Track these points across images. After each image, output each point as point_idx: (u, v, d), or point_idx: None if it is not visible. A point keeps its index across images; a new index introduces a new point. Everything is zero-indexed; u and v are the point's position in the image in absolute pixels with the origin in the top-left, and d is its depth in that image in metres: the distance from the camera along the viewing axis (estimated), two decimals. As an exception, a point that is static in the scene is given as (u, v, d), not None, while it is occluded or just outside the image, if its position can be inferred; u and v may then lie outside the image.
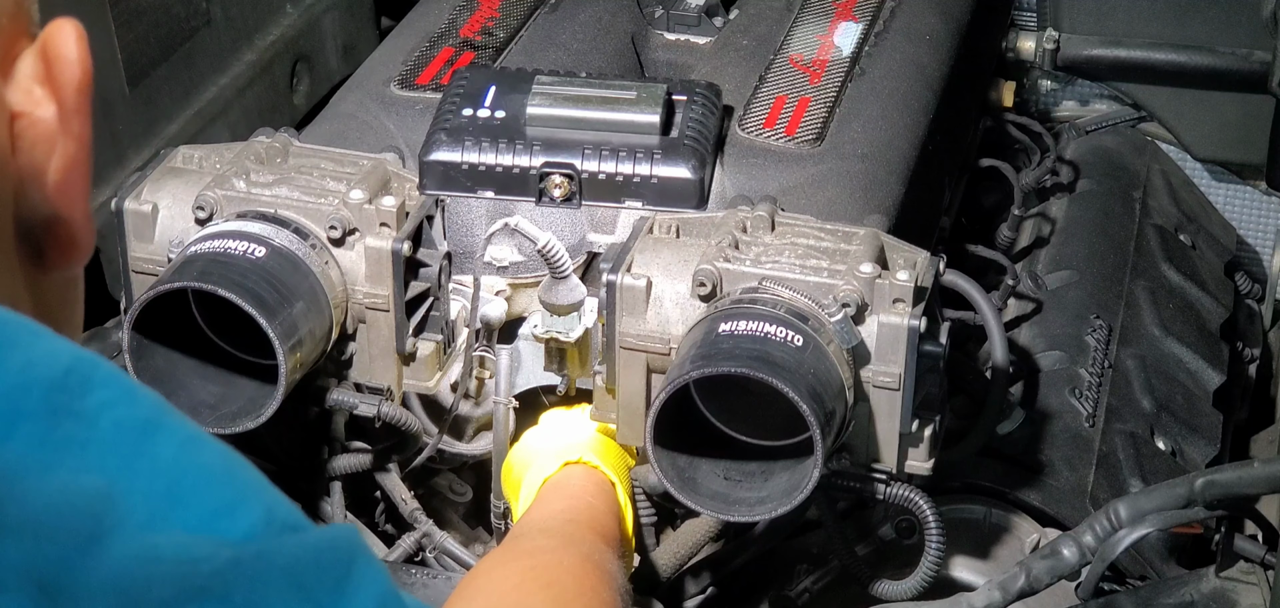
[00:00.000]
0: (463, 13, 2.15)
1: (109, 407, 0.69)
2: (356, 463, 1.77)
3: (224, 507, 0.69)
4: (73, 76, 0.76)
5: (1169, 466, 2.04)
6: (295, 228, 1.61)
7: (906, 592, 1.67)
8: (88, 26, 0.78)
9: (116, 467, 0.67)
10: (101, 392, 0.69)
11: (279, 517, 0.70)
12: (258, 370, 1.58)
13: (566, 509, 1.52)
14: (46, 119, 0.75)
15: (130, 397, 0.70)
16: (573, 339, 1.68)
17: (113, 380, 0.70)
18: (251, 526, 0.69)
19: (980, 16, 2.35)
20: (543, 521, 1.51)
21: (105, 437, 0.68)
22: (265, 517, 0.69)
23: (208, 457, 0.71)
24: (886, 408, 1.55)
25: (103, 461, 0.67)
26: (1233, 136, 2.70)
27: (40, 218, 0.76)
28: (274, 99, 2.47)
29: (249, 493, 0.70)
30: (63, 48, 0.76)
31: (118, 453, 0.68)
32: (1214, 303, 2.43)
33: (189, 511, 0.68)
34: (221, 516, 0.68)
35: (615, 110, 1.76)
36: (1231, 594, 1.62)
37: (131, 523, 0.66)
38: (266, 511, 0.70)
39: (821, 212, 1.72)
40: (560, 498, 1.55)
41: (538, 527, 1.50)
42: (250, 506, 0.70)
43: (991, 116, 2.64)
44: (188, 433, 0.71)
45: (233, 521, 0.68)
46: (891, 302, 1.53)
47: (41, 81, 0.76)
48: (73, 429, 0.68)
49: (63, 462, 0.67)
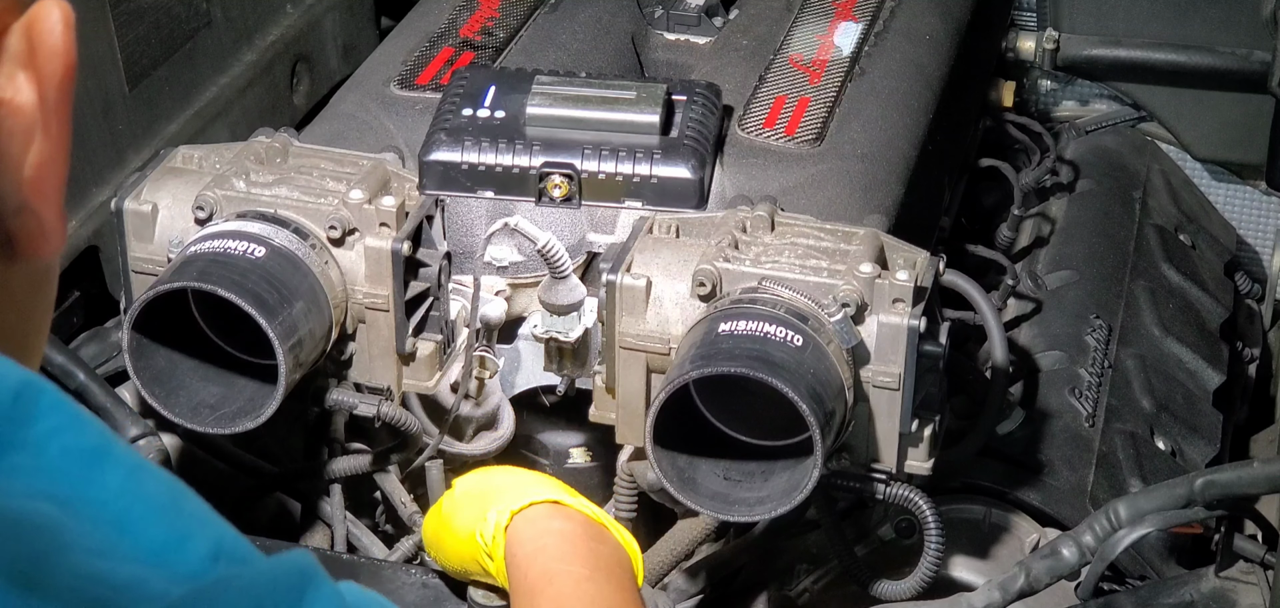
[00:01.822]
0: (463, 13, 2.15)
1: (56, 434, 0.68)
2: (356, 465, 1.77)
3: (174, 540, 0.68)
4: (55, 71, 0.73)
5: (1169, 466, 2.04)
6: (295, 228, 1.61)
7: (906, 592, 1.67)
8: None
9: (66, 495, 0.66)
10: (49, 419, 0.68)
11: (227, 549, 0.69)
12: (258, 370, 1.58)
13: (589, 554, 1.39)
14: (26, 107, 0.72)
15: (77, 424, 0.69)
16: (572, 339, 1.68)
17: (59, 407, 0.69)
18: (201, 560, 0.68)
19: (980, 16, 2.35)
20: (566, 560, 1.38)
21: (53, 464, 0.67)
22: (214, 550, 0.69)
23: (154, 487, 0.69)
24: (886, 408, 1.55)
25: (52, 488, 0.66)
26: (1233, 136, 2.71)
27: (10, 207, 0.72)
28: (274, 99, 2.47)
29: (196, 526, 0.69)
30: (48, 36, 0.73)
31: (66, 480, 0.67)
32: (1214, 303, 2.43)
33: (138, 542, 0.67)
34: (171, 549, 0.68)
35: (615, 110, 1.76)
36: (1231, 594, 1.62)
37: (82, 548, 0.65)
38: (215, 544, 0.69)
39: (821, 212, 1.72)
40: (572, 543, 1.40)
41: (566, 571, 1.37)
42: (198, 540, 0.69)
43: (991, 116, 2.64)
44: (134, 463, 0.70)
45: (182, 554, 0.68)
46: (891, 302, 1.53)
47: (24, 65, 0.72)
48: (19, 459, 0.67)
49: (10, 490, 0.65)
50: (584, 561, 1.37)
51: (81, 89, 2.03)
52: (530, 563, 1.38)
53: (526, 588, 1.36)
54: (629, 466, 1.71)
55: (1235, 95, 2.66)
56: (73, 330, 2.04)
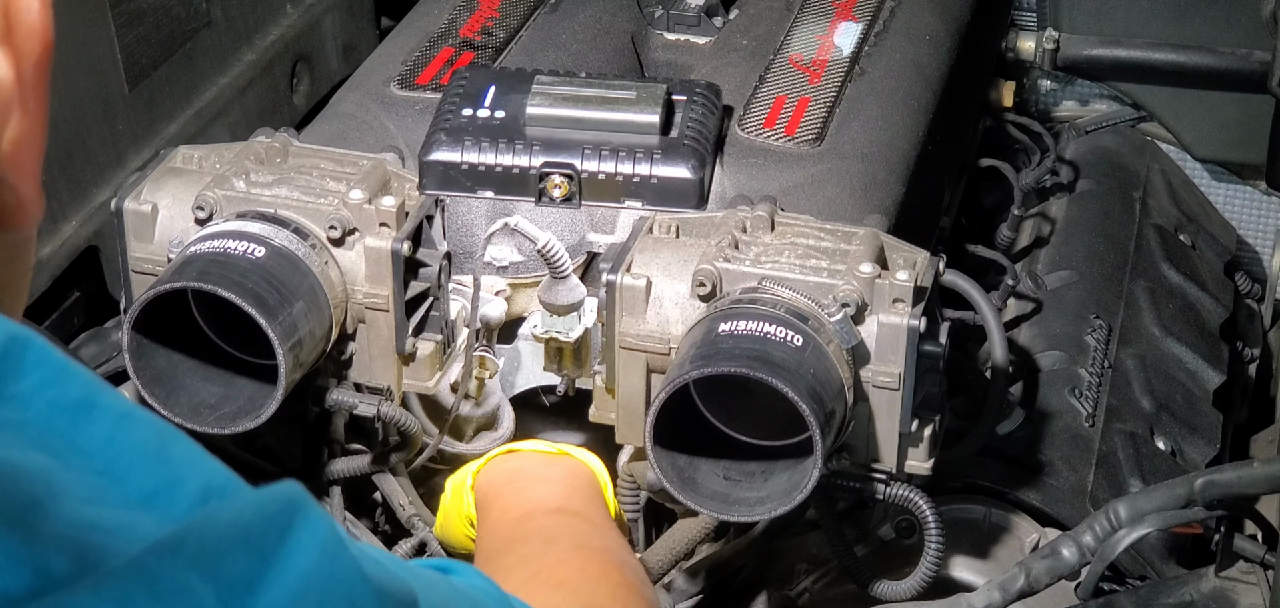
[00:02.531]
0: (463, 13, 2.15)
1: (43, 388, 0.69)
2: (356, 466, 1.77)
3: (164, 484, 0.69)
4: (33, 49, 0.74)
5: (1169, 466, 2.04)
6: (295, 228, 1.61)
7: (906, 592, 1.67)
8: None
9: (55, 447, 0.67)
10: (35, 373, 0.69)
11: (216, 487, 0.71)
12: (258, 370, 1.58)
13: (546, 497, 1.51)
14: (3, 84, 0.73)
15: (63, 375, 0.70)
16: (572, 339, 1.68)
17: (45, 360, 0.70)
18: (191, 500, 0.69)
19: (980, 16, 2.35)
20: (523, 514, 1.49)
21: (41, 417, 0.68)
22: (203, 490, 0.70)
23: (142, 434, 0.70)
24: (886, 408, 1.55)
25: (40, 442, 0.67)
26: (1233, 136, 2.71)
27: None
28: (274, 99, 2.47)
29: (185, 468, 0.71)
30: (26, 15, 0.73)
31: (55, 433, 0.68)
32: (1214, 303, 2.43)
33: (127, 489, 0.68)
34: (161, 493, 0.69)
35: (615, 110, 1.76)
36: (1231, 594, 1.62)
37: (73, 497, 0.66)
38: (205, 483, 0.70)
39: (821, 212, 1.72)
40: (536, 485, 1.54)
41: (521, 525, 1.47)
42: (188, 482, 0.70)
43: (991, 116, 2.64)
44: (121, 410, 0.71)
45: (172, 497, 0.69)
46: (891, 302, 1.53)
47: (1, 42, 0.73)
48: (7, 413, 0.67)
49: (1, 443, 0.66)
50: (530, 481, 1.54)
51: (81, 89, 2.04)
52: (482, 505, 1.55)
53: (481, 531, 1.53)
54: (629, 466, 1.71)
55: (1235, 95, 2.66)
56: (73, 330, 2.04)
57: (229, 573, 0.67)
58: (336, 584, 0.71)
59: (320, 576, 0.70)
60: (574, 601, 1.28)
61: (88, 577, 0.63)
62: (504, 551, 1.43)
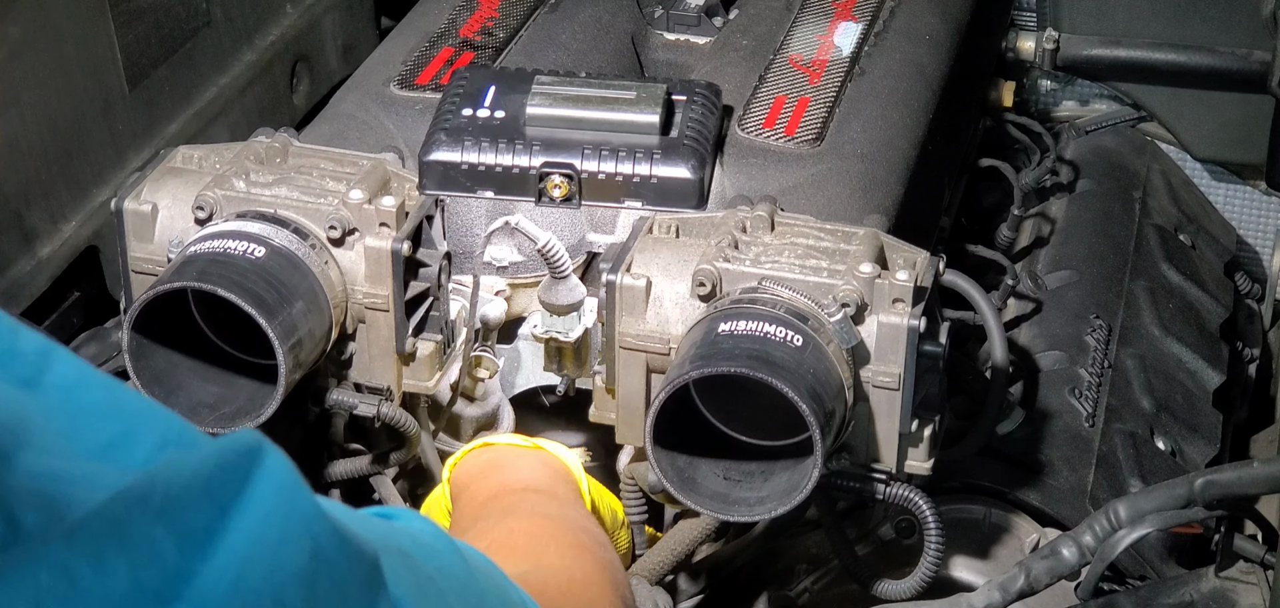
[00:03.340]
0: (463, 13, 2.15)
1: None
2: (355, 468, 1.77)
3: (120, 436, 0.70)
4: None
5: (1169, 466, 2.04)
6: (295, 228, 1.61)
7: (906, 592, 1.67)
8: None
9: (12, 402, 0.68)
10: None
11: (174, 436, 0.72)
12: (258, 370, 1.58)
13: (513, 480, 1.52)
14: None
15: (14, 333, 0.71)
16: (572, 339, 1.68)
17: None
18: (149, 450, 0.70)
19: (980, 16, 2.35)
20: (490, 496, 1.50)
21: None
22: (161, 440, 0.71)
23: (96, 394, 0.71)
24: (886, 408, 1.55)
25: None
26: (1233, 136, 2.70)
27: None
28: (274, 99, 2.47)
29: (142, 421, 0.72)
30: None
31: (10, 389, 0.69)
32: (1214, 303, 2.43)
33: (86, 443, 0.69)
34: (118, 444, 0.70)
35: (615, 110, 1.76)
36: (1231, 594, 1.62)
37: (35, 448, 0.66)
38: (162, 433, 0.71)
39: (821, 212, 1.72)
40: (506, 472, 1.55)
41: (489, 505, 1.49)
42: (145, 433, 0.71)
43: (991, 116, 2.64)
44: (75, 366, 0.72)
45: (129, 448, 0.70)
46: (891, 302, 1.53)
47: None
48: None
49: None
50: (502, 469, 1.55)
51: (81, 89, 2.04)
52: (456, 493, 1.57)
53: (453, 517, 1.54)
54: (630, 468, 1.71)
55: (1235, 95, 2.66)
56: (73, 330, 2.04)
57: (190, 523, 0.68)
58: (295, 522, 0.72)
59: (279, 516, 0.71)
60: (524, 563, 1.28)
61: (57, 526, 0.64)
62: (467, 529, 1.43)
